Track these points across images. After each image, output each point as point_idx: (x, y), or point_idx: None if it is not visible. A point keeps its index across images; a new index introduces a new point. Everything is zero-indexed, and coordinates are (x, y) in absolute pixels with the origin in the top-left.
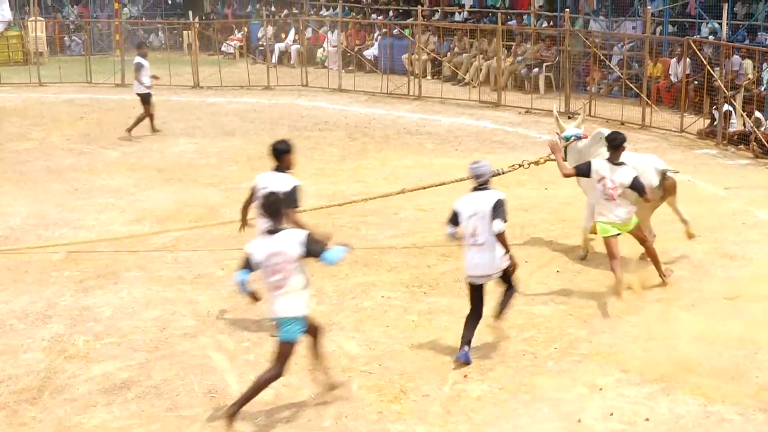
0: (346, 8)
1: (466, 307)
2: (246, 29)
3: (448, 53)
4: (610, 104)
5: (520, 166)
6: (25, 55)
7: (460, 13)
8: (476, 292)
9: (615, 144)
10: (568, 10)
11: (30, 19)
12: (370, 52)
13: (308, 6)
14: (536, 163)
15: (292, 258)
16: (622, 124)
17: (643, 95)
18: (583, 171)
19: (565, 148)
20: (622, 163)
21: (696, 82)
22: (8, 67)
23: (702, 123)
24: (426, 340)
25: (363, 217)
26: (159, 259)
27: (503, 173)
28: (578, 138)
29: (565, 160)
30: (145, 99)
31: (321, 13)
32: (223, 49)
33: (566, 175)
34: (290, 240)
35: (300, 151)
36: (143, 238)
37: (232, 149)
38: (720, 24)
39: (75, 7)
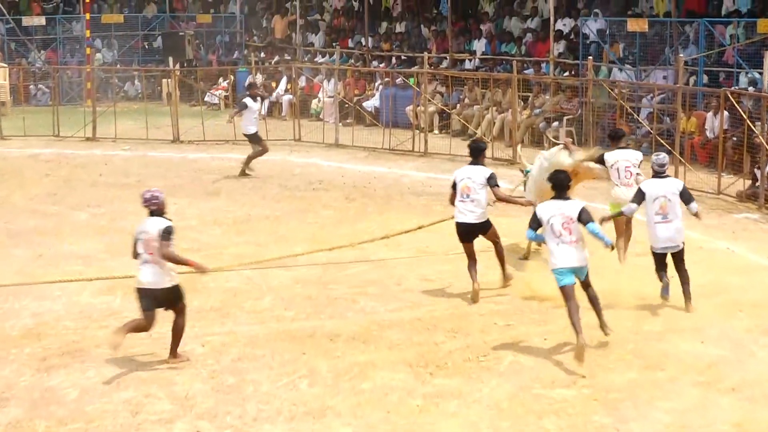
0: (344, 55)
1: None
2: (232, 77)
3: (458, 105)
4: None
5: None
6: None
7: (470, 60)
8: (664, 261)
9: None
10: (591, 57)
11: None
12: (371, 104)
13: (302, 52)
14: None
15: (572, 217)
16: None
17: (675, 152)
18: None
19: (525, 181)
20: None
21: (735, 138)
22: None
23: (742, 184)
24: (432, 427)
25: (361, 288)
26: (132, 334)
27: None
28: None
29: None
30: (255, 138)
31: (316, 59)
32: (206, 99)
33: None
34: (574, 205)
35: (290, 215)
36: (113, 313)
37: (215, 211)
38: (761, 73)
39: (42, 52)
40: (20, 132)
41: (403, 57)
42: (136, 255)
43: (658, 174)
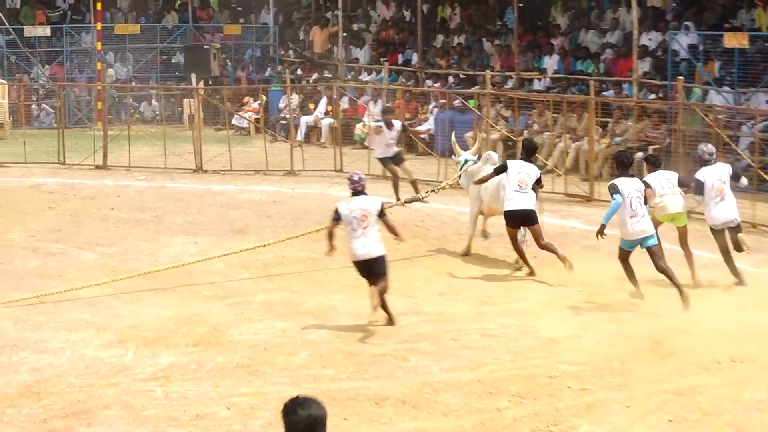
0: (393, 72)
1: None
2: (264, 97)
3: (525, 131)
4: (737, 200)
5: (440, 188)
6: None
7: (540, 80)
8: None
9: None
10: (681, 78)
11: None
12: (424, 129)
13: (344, 69)
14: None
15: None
16: (754, 227)
17: None
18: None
19: (460, 173)
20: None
21: None
22: None
23: None
24: None
25: (412, 343)
26: (146, 393)
27: (423, 198)
28: (474, 163)
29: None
30: (388, 162)
31: (361, 77)
32: (234, 122)
33: None
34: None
35: (329, 257)
36: (124, 369)
37: (243, 252)
38: None
39: (47, 66)
40: (20, 158)
41: (461, 75)
42: (330, 233)
43: (708, 162)
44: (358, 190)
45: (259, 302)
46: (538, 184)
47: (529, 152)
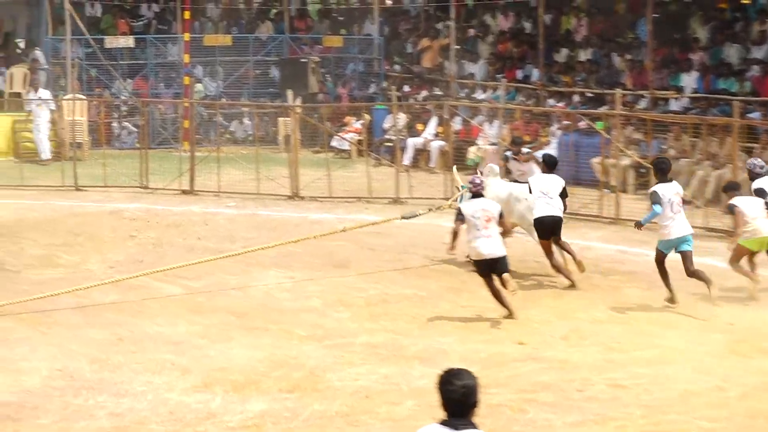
0: (511, 90)
1: None
2: (367, 117)
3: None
4: None
5: (438, 208)
6: (58, 148)
7: (677, 99)
8: None
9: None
10: None
11: (65, 98)
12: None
13: (457, 86)
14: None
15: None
16: None
17: None
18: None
19: (461, 195)
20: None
21: None
22: (34, 164)
23: None
24: None
25: (531, 393)
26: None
27: (421, 214)
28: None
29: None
30: None
31: (475, 95)
32: (334, 144)
33: None
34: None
35: (439, 295)
36: (211, 416)
37: (343, 288)
38: None
39: (129, 81)
40: (99, 182)
41: (588, 94)
42: (455, 232)
43: (760, 174)
44: (479, 193)
45: (360, 344)
46: (564, 195)
47: (551, 167)
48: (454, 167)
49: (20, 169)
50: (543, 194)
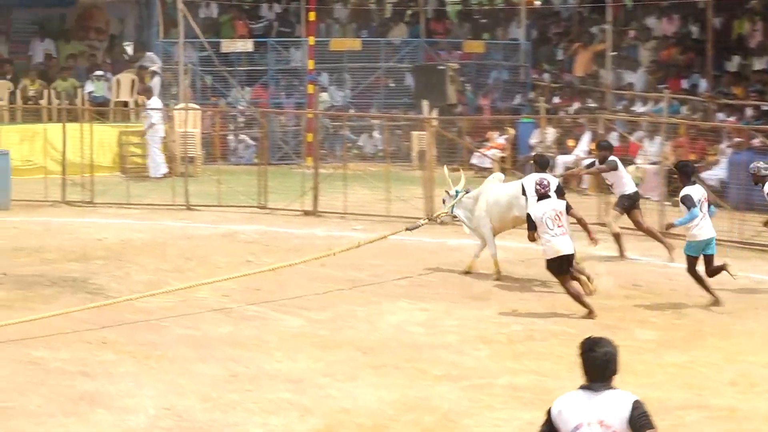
0: (676, 102)
1: None
2: (512, 131)
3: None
4: None
5: (437, 216)
6: (168, 162)
7: None
8: None
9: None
10: None
11: (177, 107)
12: (713, 174)
13: (613, 97)
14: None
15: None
16: None
17: None
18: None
19: (453, 204)
20: None
21: None
22: (141, 181)
23: None
24: None
25: None
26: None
27: (422, 225)
28: (466, 192)
29: (453, 215)
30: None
31: (633, 108)
32: (474, 161)
33: None
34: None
35: (591, 332)
36: None
37: (482, 323)
38: None
39: (247, 89)
40: (213, 200)
41: (763, 107)
42: (533, 234)
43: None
44: (546, 194)
45: (501, 386)
46: (561, 193)
47: (542, 166)
48: (445, 167)
49: (127, 185)
50: (536, 191)
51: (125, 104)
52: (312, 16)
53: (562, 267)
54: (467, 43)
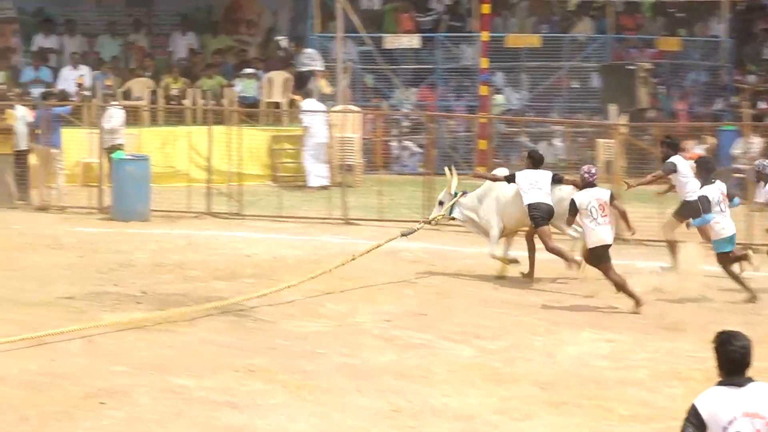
0: None
1: None
2: (712, 140)
3: None
4: None
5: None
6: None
7: None
8: None
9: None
10: None
11: (335, 110)
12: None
13: None
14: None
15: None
16: None
17: None
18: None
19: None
20: None
21: None
22: (295, 191)
23: None
24: None
25: None
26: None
27: (417, 229)
28: (464, 193)
29: (451, 216)
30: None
31: None
32: None
33: None
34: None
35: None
36: None
37: (676, 356)
38: None
39: (413, 89)
40: (373, 214)
41: None
42: (572, 219)
43: None
44: (592, 182)
45: None
46: (559, 182)
47: (537, 162)
48: (448, 168)
49: (278, 196)
50: (532, 185)
51: (277, 105)
52: (486, 8)
53: (603, 256)
54: (661, 40)
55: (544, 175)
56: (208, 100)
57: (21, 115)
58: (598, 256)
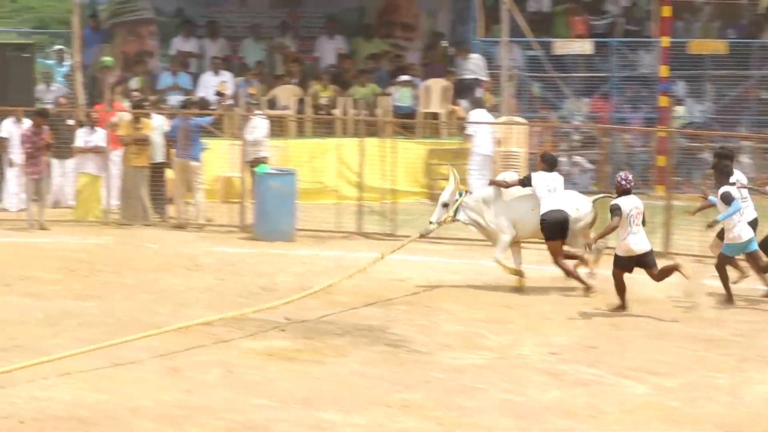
0: None
1: None
2: None
3: None
4: None
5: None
6: None
7: None
8: None
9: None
10: None
11: (498, 121)
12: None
13: None
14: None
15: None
16: None
17: None
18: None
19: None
20: None
21: None
22: None
23: None
24: None
25: None
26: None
27: (431, 231)
28: (468, 193)
29: (455, 217)
30: None
31: None
32: None
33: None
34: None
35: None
36: None
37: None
38: None
39: (585, 100)
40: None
41: None
42: (613, 229)
43: None
44: (629, 189)
45: None
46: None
47: (551, 164)
48: (450, 169)
49: None
50: (549, 191)
51: (435, 116)
52: (667, 11)
53: (626, 266)
54: None
55: (559, 179)
56: (360, 110)
57: (157, 125)
58: (621, 266)
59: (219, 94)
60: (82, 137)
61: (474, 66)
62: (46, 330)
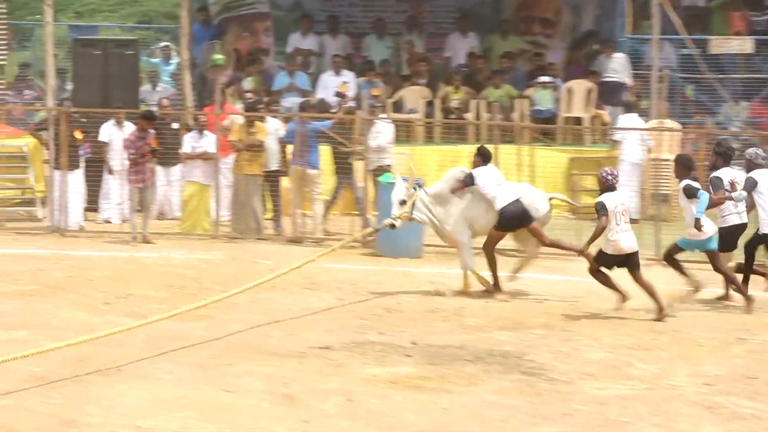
0: None
1: None
2: None
3: None
4: None
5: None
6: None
7: None
8: None
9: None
10: None
11: (647, 125)
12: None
13: None
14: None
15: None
16: None
17: None
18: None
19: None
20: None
21: None
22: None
23: None
24: None
25: None
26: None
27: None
28: (420, 187)
29: (411, 215)
30: None
31: None
32: None
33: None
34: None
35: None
36: None
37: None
38: None
39: (744, 104)
40: (691, 254)
41: None
42: (603, 229)
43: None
44: (613, 185)
45: None
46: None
47: (486, 159)
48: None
49: (577, 230)
50: (498, 185)
51: (578, 121)
52: None
53: (611, 264)
54: None
55: (499, 172)
56: (494, 114)
57: (273, 129)
58: (607, 263)
59: (339, 95)
60: (189, 142)
61: (618, 66)
62: (148, 353)
